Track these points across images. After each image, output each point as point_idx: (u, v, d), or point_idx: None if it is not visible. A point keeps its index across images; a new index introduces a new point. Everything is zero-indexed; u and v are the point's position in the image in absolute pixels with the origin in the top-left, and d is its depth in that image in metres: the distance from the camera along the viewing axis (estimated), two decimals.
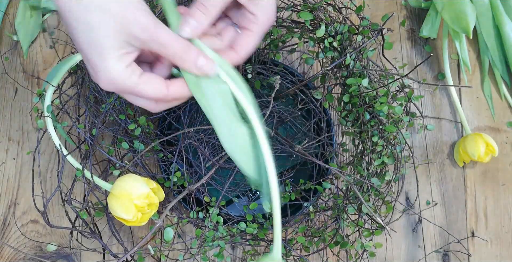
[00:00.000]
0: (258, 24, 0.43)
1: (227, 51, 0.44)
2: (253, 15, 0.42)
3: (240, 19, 0.44)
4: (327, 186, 0.57)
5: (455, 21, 0.63)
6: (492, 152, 0.62)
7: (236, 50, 0.44)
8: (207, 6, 0.41)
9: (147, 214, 0.49)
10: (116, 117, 0.55)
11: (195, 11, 0.41)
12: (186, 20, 0.41)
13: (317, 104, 0.59)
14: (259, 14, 0.42)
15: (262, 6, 0.42)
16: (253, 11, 0.42)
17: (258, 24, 0.43)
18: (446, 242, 0.63)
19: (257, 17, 0.43)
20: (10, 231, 0.62)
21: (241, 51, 0.44)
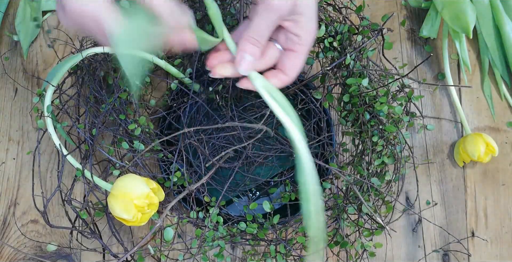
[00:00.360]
0: (303, 44, 0.44)
1: (277, 73, 0.45)
2: (297, 37, 0.43)
3: (284, 41, 0.45)
4: (327, 186, 0.57)
5: (455, 21, 0.63)
6: (492, 152, 0.62)
7: (285, 72, 0.45)
8: (257, 39, 0.42)
9: (147, 214, 0.49)
10: (116, 117, 0.55)
11: (247, 45, 0.42)
12: (242, 56, 0.42)
13: (317, 104, 0.59)
14: (303, 34, 0.43)
15: (305, 27, 0.43)
16: (297, 33, 0.43)
17: (303, 45, 0.44)
18: (446, 242, 0.63)
19: (301, 38, 0.43)
20: (10, 231, 0.62)
21: (290, 73, 0.45)
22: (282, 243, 0.55)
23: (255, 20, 0.42)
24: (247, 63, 0.43)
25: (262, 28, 0.42)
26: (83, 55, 0.52)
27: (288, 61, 0.44)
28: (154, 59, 0.55)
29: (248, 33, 0.42)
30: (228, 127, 0.58)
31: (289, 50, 0.44)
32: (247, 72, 0.43)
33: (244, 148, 0.58)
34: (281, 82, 0.45)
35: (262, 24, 0.42)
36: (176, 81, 0.58)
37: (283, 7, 0.41)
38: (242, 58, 0.42)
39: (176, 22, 0.41)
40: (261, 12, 0.41)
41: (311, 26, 0.44)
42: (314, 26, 0.44)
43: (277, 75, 0.45)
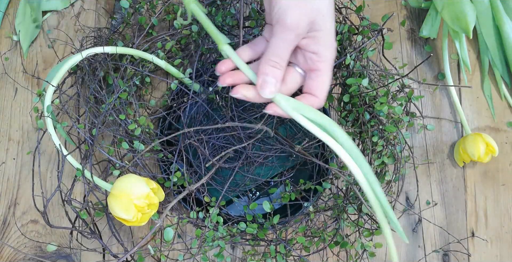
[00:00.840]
0: (324, 61, 0.41)
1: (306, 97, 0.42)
2: (316, 54, 0.41)
3: (303, 62, 0.42)
4: (327, 186, 0.57)
5: (455, 21, 0.63)
6: (492, 152, 0.62)
7: (314, 94, 0.42)
8: (277, 61, 0.40)
9: (147, 214, 0.49)
10: (116, 117, 0.55)
11: (268, 69, 0.40)
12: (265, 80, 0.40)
13: None
14: (322, 50, 0.41)
15: (323, 42, 0.41)
16: (315, 50, 0.41)
17: (324, 61, 0.41)
18: (446, 242, 0.63)
19: (320, 55, 0.41)
20: (10, 231, 0.62)
21: (319, 94, 0.42)
22: (282, 243, 0.55)
23: (273, 41, 0.40)
24: (270, 86, 0.40)
25: (281, 49, 0.40)
26: (83, 55, 0.52)
27: (313, 82, 0.42)
28: (154, 59, 0.55)
29: (267, 56, 0.40)
30: (228, 127, 0.58)
31: (311, 71, 0.42)
32: (271, 96, 0.41)
33: (244, 148, 0.58)
34: (312, 105, 0.42)
35: (280, 45, 0.40)
36: (176, 81, 0.58)
37: (300, 26, 0.39)
38: (264, 81, 0.40)
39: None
40: (278, 32, 0.40)
41: (330, 41, 0.41)
42: (332, 40, 0.42)
43: (306, 99, 0.42)
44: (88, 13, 0.69)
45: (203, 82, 0.59)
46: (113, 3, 0.69)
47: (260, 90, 0.41)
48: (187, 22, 0.46)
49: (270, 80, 0.40)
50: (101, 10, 0.69)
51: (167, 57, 0.59)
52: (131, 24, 0.62)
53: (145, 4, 0.61)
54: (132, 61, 0.57)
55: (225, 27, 0.59)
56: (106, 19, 0.68)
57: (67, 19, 0.69)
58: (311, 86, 0.42)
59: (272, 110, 0.42)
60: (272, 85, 0.40)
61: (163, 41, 0.59)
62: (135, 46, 0.58)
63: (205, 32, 0.59)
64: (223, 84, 0.43)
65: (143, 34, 0.59)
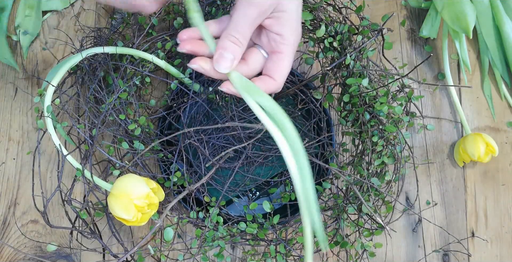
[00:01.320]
0: (288, 44, 0.41)
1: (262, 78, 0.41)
2: (280, 36, 0.40)
3: (267, 43, 0.41)
4: (327, 186, 0.57)
5: (455, 21, 0.63)
6: (492, 152, 0.62)
7: (272, 76, 0.41)
8: (237, 36, 0.39)
9: (147, 214, 0.49)
10: (116, 117, 0.55)
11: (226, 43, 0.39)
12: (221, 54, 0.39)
13: (317, 104, 0.59)
14: (285, 32, 0.40)
15: (288, 25, 0.40)
16: (279, 31, 0.40)
17: (287, 44, 0.41)
18: (446, 242, 0.63)
19: (284, 37, 0.40)
20: (10, 231, 0.62)
21: (278, 77, 0.41)
22: (282, 243, 0.55)
23: (235, 16, 0.39)
24: (226, 61, 0.39)
25: (242, 25, 0.39)
26: (83, 55, 0.52)
27: (273, 65, 0.41)
28: (154, 59, 0.55)
29: (228, 31, 0.39)
30: (228, 127, 0.58)
31: (273, 53, 0.41)
32: (225, 71, 0.40)
33: (244, 148, 0.58)
34: (268, 88, 0.41)
35: (242, 21, 0.39)
36: (176, 81, 0.58)
37: (264, 2, 0.38)
38: (221, 56, 0.39)
39: None
40: (241, 7, 0.39)
41: (295, 24, 0.40)
42: (297, 25, 0.41)
43: (263, 81, 0.41)
44: (88, 13, 0.69)
45: (203, 82, 0.59)
46: None
47: (215, 63, 0.40)
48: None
49: (227, 56, 0.39)
50: (101, 10, 0.69)
51: (167, 57, 0.59)
52: (131, 24, 0.62)
53: None
54: (132, 61, 0.57)
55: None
56: (106, 19, 0.68)
57: (67, 19, 0.69)
58: (271, 69, 0.41)
59: (226, 87, 0.41)
60: (228, 61, 0.39)
61: (163, 41, 0.59)
62: (135, 46, 0.58)
63: None
64: (182, 49, 0.41)
65: (143, 34, 0.59)
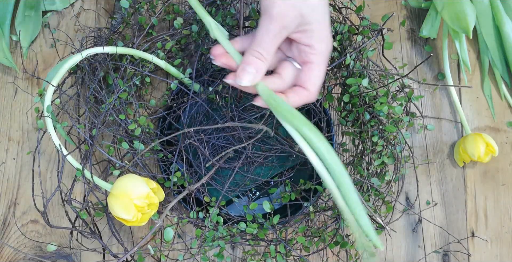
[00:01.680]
0: (317, 54, 0.41)
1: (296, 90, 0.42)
2: (309, 47, 0.41)
3: (297, 54, 0.42)
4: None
5: (455, 21, 0.63)
6: (492, 152, 0.62)
7: (306, 87, 0.42)
8: (260, 51, 0.40)
9: (147, 214, 0.49)
10: (116, 117, 0.55)
11: (249, 58, 0.40)
12: (243, 68, 0.40)
13: (317, 104, 0.59)
14: (315, 43, 0.41)
15: (316, 35, 0.40)
16: (308, 43, 0.41)
17: (317, 54, 0.41)
18: (446, 242, 0.63)
19: (313, 47, 0.41)
20: (10, 231, 0.62)
21: (311, 87, 0.42)
22: (282, 243, 0.55)
23: (258, 32, 0.40)
24: (248, 76, 0.40)
25: (265, 40, 0.40)
26: (83, 55, 0.52)
27: (304, 75, 0.42)
28: (154, 59, 0.55)
29: (251, 46, 0.40)
30: (228, 127, 0.58)
31: (304, 64, 0.42)
32: (247, 84, 0.41)
33: (244, 148, 0.58)
34: (301, 99, 0.42)
35: (265, 36, 0.40)
36: (176, 81, 0.58)
37: (287, 17, 0.39)
38: (243, 70, 0.40)
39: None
40: (263, 23, 0.39)
41: (324, 34, 0.41)
42: (326, 33, 0.41)
43: (295, 92, 0.42)
44: (88, 13, 0.69)
45: (203, 82, 0.59)
46: (113, 3, 0.69)
47: (237, 78, 0.40)
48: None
49: (250, 70, 0.40)
50: (101, 10, 0.69)
51: (167, 57, 0.59)
52: (131, 24, 0.62)
53: (145, 4, 0.61)
54: (132, 61, 0.57)
55: (225, 27, 0.59)
56: (106, 19, 0.68)
57: (67, 19, 0.69)
58: (302, 79, 0.42)
59: (260, 103, 0.42)
60: (250, 75, 0.40)
61: (163, 41, 0.59)
62: (135, 46, 0.58)
63: (205, 32, 0.59)
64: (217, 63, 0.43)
65: (143, 34, 0.59)
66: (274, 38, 0.40)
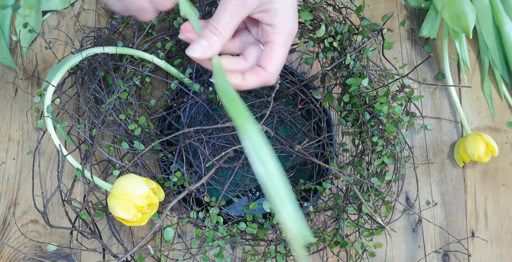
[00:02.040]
0: (278, 33, 0.41)
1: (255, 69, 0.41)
2: (271, 26, 0.40)
3: (260, 35, 0.42)
4: (327, 186, 0.57)
5: (455, 21, 0.63)
6: (492, 152, 0.62)
7: (264, 67, 0.41)
8: (218, 28, 0.40)
9: (147, 214, 0.49)
10: (116, 117, 0.55)
11: (205, 32, 0.40)
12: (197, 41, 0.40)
13: (317, 104, 0.59)
14: (277, 23, 0.40)
15: (279, 15, 0.40)
16: (270, 22, 0.40)
17: (278, 34, 0.41)
18: (446, 242, 0.63)
19: (275, 27, 0.40)
20: (10, 231, 0.62)
21: (268, 67, 0.41)
22: (282, 243, 0.55)
23: (218, 8, 0.40)
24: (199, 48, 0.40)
25: (223, 16, 0.39)
26: (83, 55, 0.52)
27: (264, 55, 0.41)
28: (154, 59, 0.55)
29: (209, 21, 0.40)
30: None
31: (266, 43, 0.41)
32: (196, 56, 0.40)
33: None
34: (260, 79, 0.41)
35: (223, 12, 0.39)
36: (176, 81, 0.58)
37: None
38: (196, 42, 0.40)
39: None
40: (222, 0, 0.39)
41: (287, 14, 0.40)
42: (291, 14, 0.41)
43: (254, 72, 0.41)
44: (88, 13, 0.69)
45: (203, 82, 0.59)
46: None
47: (189, 49, 0.40)
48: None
49: (203, 43, 0.40)
50: (101, 10, 0.69)
51: (167, 57, 0.59)
52: (131, 24, 0.62)
53: None
54: (132, 61, 0.57)
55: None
56: (106, 19, 0.68)
57: (67, 19, 0.69)
58: (262, 59, 0.41)
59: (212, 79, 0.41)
60: (202, 47, 0.40)
61: (163, 41, 0.59)
62: (135, 46, 0.58)
63: None
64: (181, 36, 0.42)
65: (143, 34, 0.59)
66: (232, 15, 0.40)
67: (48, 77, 0.54)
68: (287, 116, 0.60)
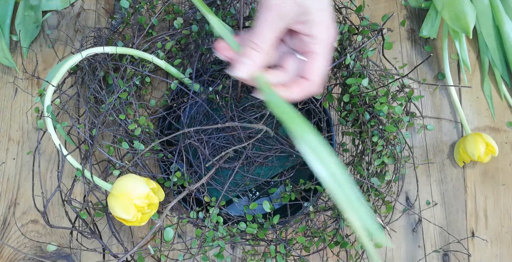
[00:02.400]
0: (318, 43, 0.41)
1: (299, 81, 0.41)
2: (310, 36, 0.40)
3: (299, 45, 0.42)
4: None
5: (455, 21, 0.63)
6: (492, 152, 0.62)
7: (307, 78, 0.41)
8: (257, 43, 0.40)
9: (147, 214, 0.49)
10: (116, 117, 0.55)
11: (247, 50, 0.40)
12: (239, 60, 0.40)
13: (317, 104, 0.59)
14: (316, 33, 0.40)
15: (317, 25, 0.40)
16: (309, 33, 0.40)
17: (318, 44, 0.41)
18: (446, 242, 0.63)
19: (314, 37, 0.40)
20: (10, 231, 0.62)
21: (312, 77, 0.41)
22: (282, 243, 0.55)
23: (256, 23, 0.40)
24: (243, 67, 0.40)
25: (262, 30, 0.40)
26: (83, 55, 0.52)
27: (306, 66, 0.41)
28: (154, 59, 0.55)
29: (249, 37, 0.40)
30: (228, 127, 0.58)
31: (306, 54, 0.41)
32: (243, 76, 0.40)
33: (244, 148, 0.58)
34: (304, 90, 0.41)
35: (262, 26, 0.39)
36: (176, 81, 0.58)
37: (284, 6, 0.39)
38: (239, 61, 0.40)
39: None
40: (261, 14, 0.39)
41: (325, 24, 0.40)
42: (329, 22, 0.41)
43: (297, 83, 0.41)
44: (88, 13, 0.69)
45: (203, 82, 0.59)
46: (113, 3, 0.69)
47: (233, 68, 0.40)
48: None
49: (246, 62, 0.40)
50: (101, 10, 0.69)
51: (167, 57, 0.59)
52: (131, 24, 0.62)
53: (145, 4, 0.61)
54: (132, 61, 0.57)
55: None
56: (106, 19, 0.68)
57: (67, 19, 0.69)
58: (304, 70, 0.41)
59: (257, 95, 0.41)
60: (246, 67, 0.40)
61: (163, 41, 0.59)
62: (135, 46, 0.58)
63: (205, 32, 0.59)
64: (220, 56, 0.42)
65: (143, 34, 0.59)
66: (271, 28, 0.40)
67: (48, 77, 0.54)
68: None
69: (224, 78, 0.58)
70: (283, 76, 0.42)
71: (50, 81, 0.52)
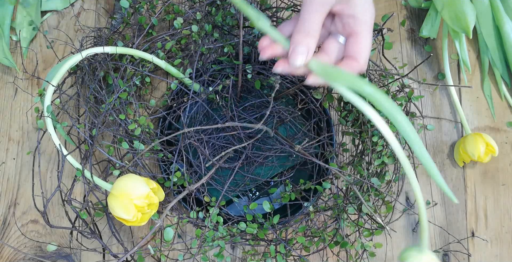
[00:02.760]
0: (361, 23, 0.41)
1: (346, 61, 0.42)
2: (352, 18, 0.41)
3: (341, 27, 0.42)
4: (327, 186, 0.57)
5: (455, 21, 0.63)
6: (492, 152, 0.62)
7: (354, 58, 0.42)
8: (309, 30, 0.40)
9: (147, 214, 0.49)
10: (116, 117, 0.55)
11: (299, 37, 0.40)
12: (294, 49, 0.40)
13: (317, 104, 0.59)
14: (357, 13, 0.41)
15: (358, 5, 0.41)
16: (351, 13, 0.41)
17: (361, 25, 0.41)
18: (446, 242, 0.63)
19: (356, 18, 0.41)
20: (10, 231, 0.63)
21: (359, 57, 0.42)
22: (282, 243, 0.55)
23: (302, 11, 0.41)
24: (301, 55, 0.40)
25: (309, 17, 0.40)
26: (83, 55, 0.52)
27: (352, 46, 0.42)
28: (154, 59, 0.55)
29: (297, 26, 0.41)
30: (228, 127, 0.58)
31: (350, 35, 0.42)
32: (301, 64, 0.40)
33: (244, 148, 0.58)
34: (353, 70, 0.42)
35: (308, 13, 0.40)
36: (176, 81, 0.58)
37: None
38: (294, 51, 0.40)
39: None
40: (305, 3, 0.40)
41: (366, 4, 0.42)
42: (369, 3, 0.42)
43: (346, 64, 0.42)
44: (88, 13, 0.69)
45: (203, 82, 0.59)
46: (113, 3, 0.69)
47: (291, 59, 0.40)
48: None
49: (301, 50, 0.40)
50: (101, 10, 0.69)
51: (167, 57, 0.59)
52: (131, 24, 0.62)
53: (145, 4, 0.61)
54: (132, 61, 0.57)
55: (225, 27, 0.59)
56: (106, 19, 0.68)
57: (67, 19, 0.69)
58: (351, 51, 0.42)
59: (312, 81, 0.41)
60: (303, 55, 0.40)
61: (163, 41, 0.59)
62: (135, 46, 0.58)
63: (205, 32, 0.59)
64: (263, 57, 0.42)
65: (143, 34, 0.59)
66: (317, 13, 0.40)
67: (48, 77, 0.54)
68: (287, 116, 0.60)
69: (224, 78, 0.58)
70: (325, 60, 0.42)
71: (50, 81, 0.52)
